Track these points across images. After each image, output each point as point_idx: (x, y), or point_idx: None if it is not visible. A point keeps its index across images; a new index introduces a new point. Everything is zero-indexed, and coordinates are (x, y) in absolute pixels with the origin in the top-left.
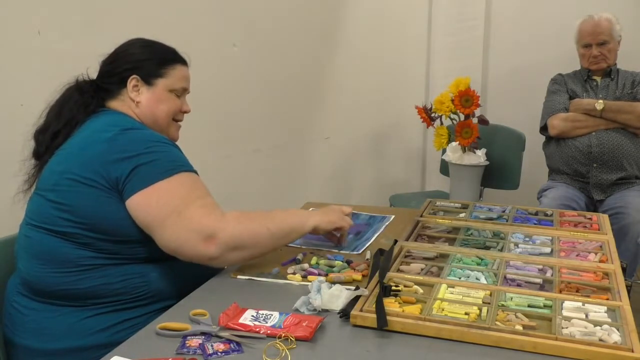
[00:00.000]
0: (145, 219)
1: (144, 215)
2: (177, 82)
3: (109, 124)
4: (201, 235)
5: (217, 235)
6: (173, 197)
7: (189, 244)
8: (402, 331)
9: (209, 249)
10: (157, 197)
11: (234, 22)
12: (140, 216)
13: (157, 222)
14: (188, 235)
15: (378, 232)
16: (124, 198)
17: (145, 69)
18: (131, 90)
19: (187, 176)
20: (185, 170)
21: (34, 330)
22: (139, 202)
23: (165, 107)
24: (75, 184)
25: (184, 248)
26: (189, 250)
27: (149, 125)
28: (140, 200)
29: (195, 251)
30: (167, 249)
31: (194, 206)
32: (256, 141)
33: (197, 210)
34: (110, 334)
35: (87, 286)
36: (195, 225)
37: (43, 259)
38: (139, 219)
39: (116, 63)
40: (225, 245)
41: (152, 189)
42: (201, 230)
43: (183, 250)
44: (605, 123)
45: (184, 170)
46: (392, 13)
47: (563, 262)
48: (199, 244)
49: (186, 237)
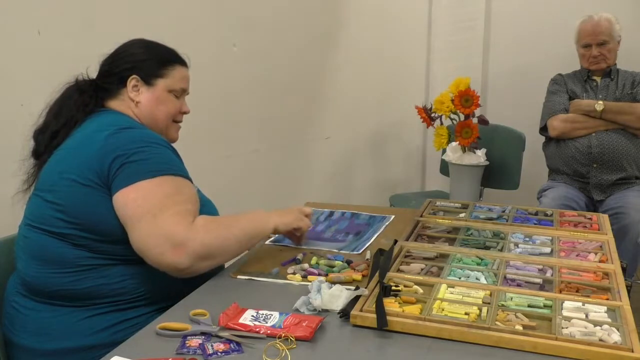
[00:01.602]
0: (122, 216)
1: (121, 213)
2: (177, 82)
3: (108, 124)
4: (170, 243)
5: (187, 244)
6: (151, 199)
7: (157, 250)
8: (402, 331)
9: (177, 258)
10: (136, 196)
11: (234, 22)
12: (119, 213)
13: (131, 221)
14: (157, 241)
15: (378, 232)
16: (112, 193)
17: (145, 69)
18: (131, 90)
19: (171, 180)
20: (172, 174)
21: (34, 331)
22: (120, 199)
23: (164, 107)
24: (73, 183)
25: (150, 253)
26: (155, 255)
27: (148, 125)
28: (121, 198)
29: (161, 258)
30: (136, 249)
31: (169, 212)
32: (256, 141)
33: (171, 217)
34: (109, 334)
35: (86, 286)
36: (166, 231)
37: (41, 259)
38: (119, 216)
39: (116, 63)
40: (195, 254)
41: (134, 187)
42: (171, 238)
43: (149, 255)
44: (605, 124)
45: (171, 174)
46: (392, 13)
47: (563, 262)
48: (167, 251)
49: (155, 242)
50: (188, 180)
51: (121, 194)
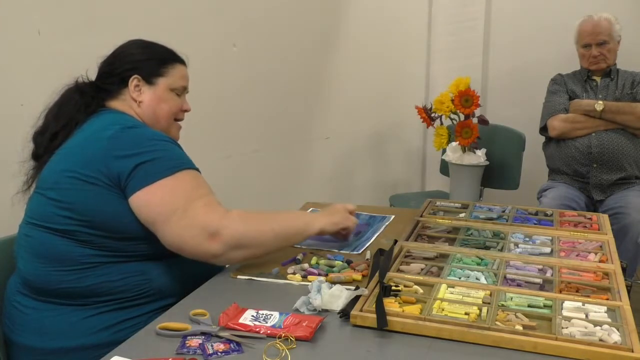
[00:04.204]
0: (149, 215)
1: (147, 212)
2: (178, 80)
3: (111, 123)
4: (205, 232)
5: (221, 232)
6: (177, 194)
7: (194, 241)
8: (402, 331)
9: (213, 246)
10: (162, 194)
11: (234, 23)
12: (143, 213)
13: (161, 218)
14: (192, 232)
15: (378, 232)
16: (127, 195)
17: (146, 68)
18: (133, 90)
19: (190, 173)
20: (187, 168)
21: (35, 330)
22: (142, 199)
23: (166, 106)
24: (76, 181)
25: (188, 245)
26: (193, 247)
27: (150, 124)
28: (144, 197)
29: (199, 248)
30: (171, 245)
31: (198, 203)
32: (256, 141)
33: (201, 208)
34: (111, 333)
35: (88, 284)
36: (200, 222)
37: (44, 257)
38: (143, 216)
39: (116, 64)
40: (229, 243)
41: (156, 186)
42: (206, 227)
43: (187, 247)
44: (605, 124)
45: (187, 168)
46: (392, 13)
47: (563, 262)
48: (204, 241)
49: (191, 234)
50: (200, 172)
51: (143, 194)
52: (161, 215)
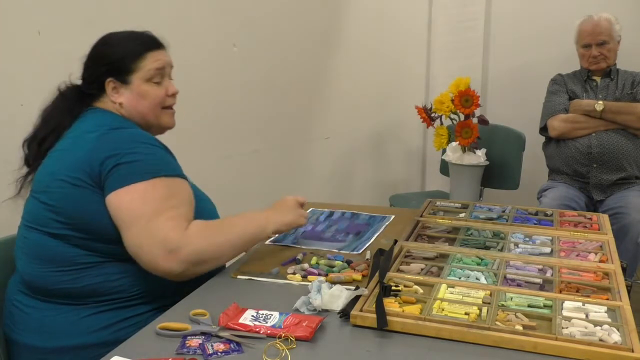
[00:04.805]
0: (117, 218)
1: (115, 214)
2: (152, 69)
3: (98, 124)
4: (164, 248)
5: (180, 250)
6: (146, 201)
7: (151, 254)
8: (402, 331)
9: (170, 263)
10: (131, 199)
11: (234, 23)
12: (113, 214)
13: (125, 224)
14: (151, 245)
15: (378, 232)
16: (105, 194)
17: (118, 69)
18: (111, 94)
19: (165, 181)
20: (165, 175)
21: (36, 329)
22: (113, 201)
23: (147, 101)
24: (65, 184)
25: (144, 256)
26: (148, 260)
27: (139, 122)
28: (115, 199)
29: (154, 262)
30: (130, 252)
31: (164, 216)
32: (256, 141)
33: (166, 221)
34: (111, 332)
35: (86, 284)
36: (161, 236)
37: (41, 259)
38: (113, 217)
39: (91, 69)
40: (188, 260)
41: (128, 189)
42: (165, 243)
43: (143, 258)
44: (605, 124)
45: (165, 175)
46: (392, 13)
47: (563, 262)
48: (160, 256)
49: (149, 246)
50: (182, 178)
51: (115, 196)
52: (125, 220)
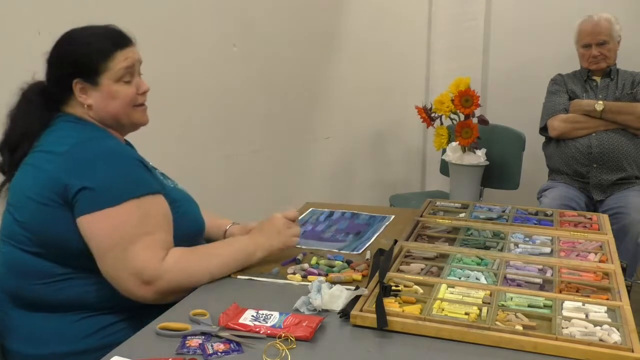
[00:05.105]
0: (89, 244)
1: (88, 240)
2: (121, 69)
3: (65, 136)
4: (139, 278)
5: (156, 282)
6: (118, 229)
7: (126, 284)
8: (402, 331)
9: (145, 293)
10: (103, 226)
11: (234, 23)
12: (85, 239)
13: (100, 251)
14: (127, 275)
15: (378, 232)
16: (74, 216)
17: (85, 70)
18: (79, 95)
19: (138, 203)
20: (138, 196)
21: (27, 337)
22: (85, 226)
23: (117, 102)
24: (33, 203)
25: (120, 285)
26: (125, 289)
27: (110, 123)
28: (86, 225)
29: (130, 291)
30: (106, 278)
31: (139, 245)
32: (256, 141)
33: (141, 251)
34: (100, 337)
35: (67, 296)
36: (137, 267)
37: (19, 272)
38: (86, 241)
39: (57, 69)
40: (163, 292)
41: (99, 215)
42: (140, 274)
43: (119, 287)
44: (605, 124)
45: (137, 196)
46: (392, 13)
47: (563, 262)
48: (136, 286)
49: (125, 276)
50: (156, 194)
51: (85, 221)
52: (99, 249)
